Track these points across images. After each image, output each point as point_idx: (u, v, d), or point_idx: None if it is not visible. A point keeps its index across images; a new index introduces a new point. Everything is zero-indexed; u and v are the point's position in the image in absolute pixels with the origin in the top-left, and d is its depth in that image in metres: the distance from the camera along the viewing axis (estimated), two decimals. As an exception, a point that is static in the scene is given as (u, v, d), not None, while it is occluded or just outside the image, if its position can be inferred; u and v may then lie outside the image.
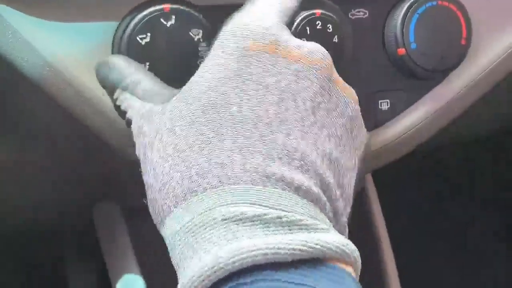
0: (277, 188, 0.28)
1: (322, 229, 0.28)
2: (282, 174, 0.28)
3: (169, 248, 0.30)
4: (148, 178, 0.31)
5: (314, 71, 0.32)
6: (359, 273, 0.29)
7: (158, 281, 0.66)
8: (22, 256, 0.84)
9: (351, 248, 0.28)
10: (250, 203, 0.27)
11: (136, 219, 0.66)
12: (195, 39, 0.41)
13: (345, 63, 0.44)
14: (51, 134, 0.49)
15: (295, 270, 0.26)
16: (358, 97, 0.38)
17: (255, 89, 0.30)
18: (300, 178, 0.29)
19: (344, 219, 0.32)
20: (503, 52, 0.50)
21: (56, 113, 0.43)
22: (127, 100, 0.35)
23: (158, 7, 0.41)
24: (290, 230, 0.27)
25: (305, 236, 0.27)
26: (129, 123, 0.35)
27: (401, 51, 0.45)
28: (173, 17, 0.41)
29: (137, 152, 0.33)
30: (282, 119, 0.30)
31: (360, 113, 0.34)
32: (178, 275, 0.29)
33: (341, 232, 0.31)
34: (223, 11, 0.43)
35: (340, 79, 0.34)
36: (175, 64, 0.41)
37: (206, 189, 0.28)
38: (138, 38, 0.41)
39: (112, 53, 0.42)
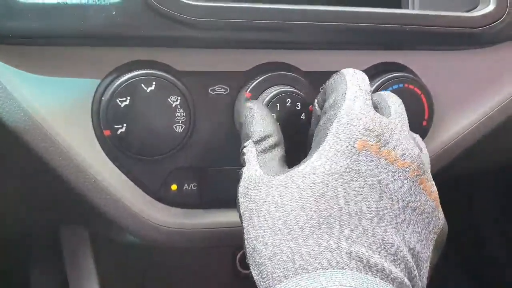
0: (376, 278, 0.32)
1: None
2: (382, 266, 0.32)
3: None
4: (255, 242, 0.34)
5: (405, 173, 0.36)
6: None
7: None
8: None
9: None
10: None
11: (102, 245, 0.68)
12: (173, 105, 0.44)
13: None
14: (24, 172, 0.50)
15: None
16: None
17: (361, 186, 0.34)
18: (395, 271, 0.33)
19: None
20: (463, 130, 0.53)
21: (31, 159, 0.44)
22: (249, 154, 0.39)
23: (140, 72, 0.43)
24: None
25: None
26: (240, 174, 0.38)
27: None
28: (154, 83, 0.43)
29: (241, 211, 0.37)
30: (381, 216, 0.34)
31: (438, 207, 0.38)
32: None
33: None
34: (203, 76, 0.45)
35: (424, 176, 0.37)
36: (151, 128, 0.43)
37: (317, 269, 0.32)
38: (118, 101, 0.42)
39: (92, 111, 0.43)
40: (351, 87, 0.38)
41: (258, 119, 0.40)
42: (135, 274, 0.76)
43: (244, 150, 0.39)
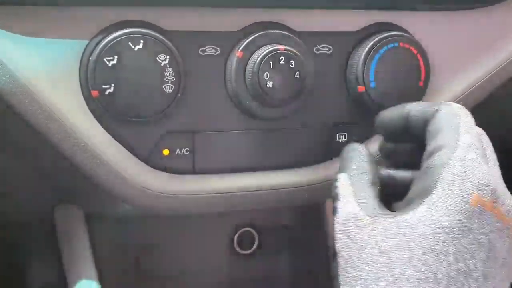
0: None
1: None
2: None
3: None
4: (354, 283, 0.34)
5: (508, 231, 0.35)
6: None
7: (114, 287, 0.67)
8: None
9: None
10: None
11: (97, 224, 0.67)
12: (162, 64, 0.42)
13: (305, 97, 0.46)
14: (11, 139, 0.49)
15: None
16: (317, 130, 0.43)
17: (471, 244, 0.33)
18: None
19: None
20: (461, 93, 0.52)
21: (17, 124, 0.43)
22: (344, 189, 0.38)
23: (127, 30, 0.42)
24: None
25: None
26: (334, 209, 0.38)
27: (361, 88, 0.47)
28: (142, 41, 0.42)
29: (338, 246, 0.36)
30: (485, 276, 0.34)
31: None
32: None
33: None
34: (192, 36, 0.44)
35: None
36: (140, 88, 0.42)
37: None
38: (105, 60, 0.41)
39: (80, 72, 0.42)
40: (465, 134, 0.36)
41: (358, 158, 0.40)
42: (130, 253, 0.75)
43: (337, 183, 0.39)
